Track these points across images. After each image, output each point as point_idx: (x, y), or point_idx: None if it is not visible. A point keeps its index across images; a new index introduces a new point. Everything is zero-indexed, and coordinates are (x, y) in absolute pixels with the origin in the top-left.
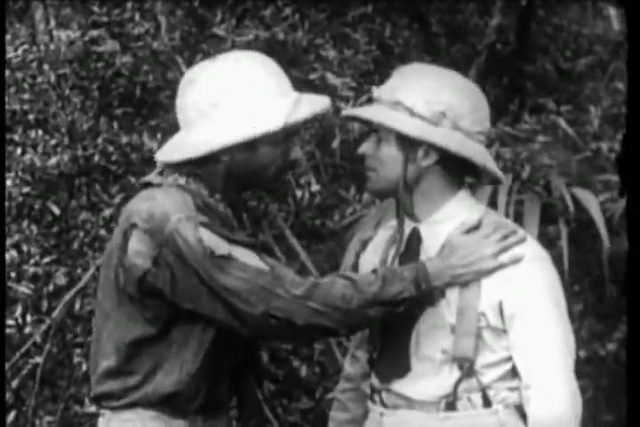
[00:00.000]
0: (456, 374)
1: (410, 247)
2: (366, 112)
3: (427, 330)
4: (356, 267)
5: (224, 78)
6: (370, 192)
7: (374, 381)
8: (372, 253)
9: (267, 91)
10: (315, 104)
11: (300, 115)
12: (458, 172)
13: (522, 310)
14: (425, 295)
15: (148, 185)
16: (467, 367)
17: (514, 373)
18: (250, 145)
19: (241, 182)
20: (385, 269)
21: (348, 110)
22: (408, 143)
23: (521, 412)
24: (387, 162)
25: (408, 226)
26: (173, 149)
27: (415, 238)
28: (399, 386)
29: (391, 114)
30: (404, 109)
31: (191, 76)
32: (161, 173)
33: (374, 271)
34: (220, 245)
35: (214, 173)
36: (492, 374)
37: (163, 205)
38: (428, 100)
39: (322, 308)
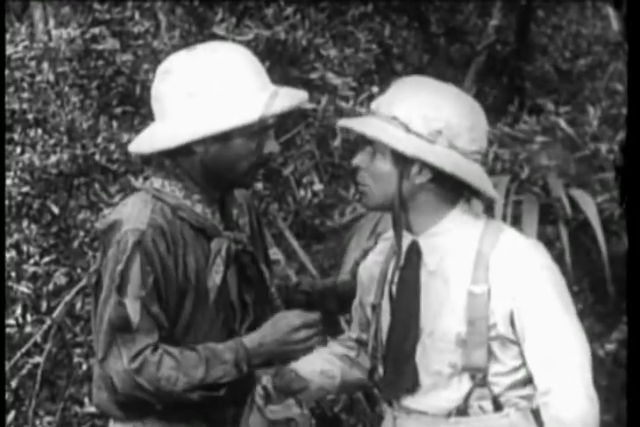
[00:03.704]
0: (466, 385)
1: (410, 260)
2: (362, 125)
3: (433, 344)
4: (354, 275)
5: (201, 68)
6: (365, 207)
7: (381, 395)
8: (373, 264)
9: (244, 82)
10: (291, 97)
11: (276, 108)
12: (453, 188)
13: (537, 320)
14: (247, 374)
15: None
16: (479, 378)
17: (524, 381)
18: (224, 136)
19: (218, 178)
20: (207, 349)
21: (344, 121)
22: (402, 159)
23: (534, 415)
24: (380, 177)
25: (407, 238)
26: (146, 141)
27: (415, 252)
28: (408, 402)
29: (387, 129)
30: (399, 125)
31: (167, 65)
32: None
33: (196, 350)
34: (131, 282)
35: (193, 169)
36: (503, 384)
37: (124, 212)
38: (426, 117)
39: (146, 385)
